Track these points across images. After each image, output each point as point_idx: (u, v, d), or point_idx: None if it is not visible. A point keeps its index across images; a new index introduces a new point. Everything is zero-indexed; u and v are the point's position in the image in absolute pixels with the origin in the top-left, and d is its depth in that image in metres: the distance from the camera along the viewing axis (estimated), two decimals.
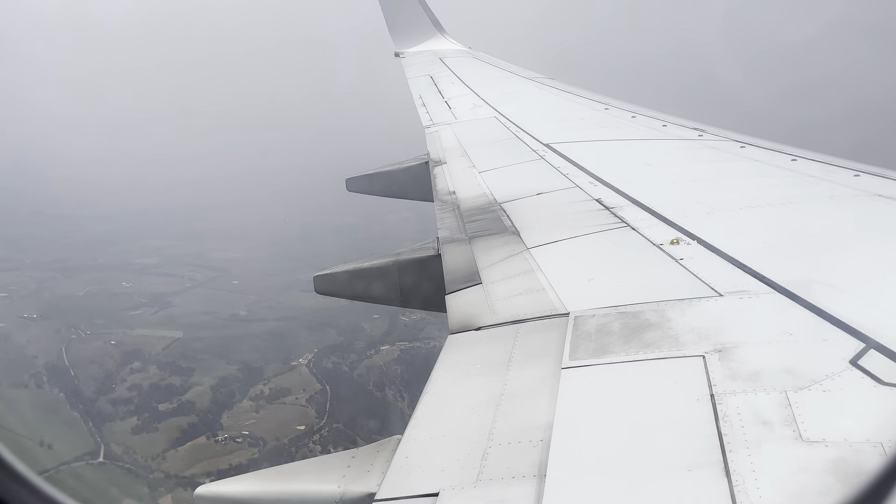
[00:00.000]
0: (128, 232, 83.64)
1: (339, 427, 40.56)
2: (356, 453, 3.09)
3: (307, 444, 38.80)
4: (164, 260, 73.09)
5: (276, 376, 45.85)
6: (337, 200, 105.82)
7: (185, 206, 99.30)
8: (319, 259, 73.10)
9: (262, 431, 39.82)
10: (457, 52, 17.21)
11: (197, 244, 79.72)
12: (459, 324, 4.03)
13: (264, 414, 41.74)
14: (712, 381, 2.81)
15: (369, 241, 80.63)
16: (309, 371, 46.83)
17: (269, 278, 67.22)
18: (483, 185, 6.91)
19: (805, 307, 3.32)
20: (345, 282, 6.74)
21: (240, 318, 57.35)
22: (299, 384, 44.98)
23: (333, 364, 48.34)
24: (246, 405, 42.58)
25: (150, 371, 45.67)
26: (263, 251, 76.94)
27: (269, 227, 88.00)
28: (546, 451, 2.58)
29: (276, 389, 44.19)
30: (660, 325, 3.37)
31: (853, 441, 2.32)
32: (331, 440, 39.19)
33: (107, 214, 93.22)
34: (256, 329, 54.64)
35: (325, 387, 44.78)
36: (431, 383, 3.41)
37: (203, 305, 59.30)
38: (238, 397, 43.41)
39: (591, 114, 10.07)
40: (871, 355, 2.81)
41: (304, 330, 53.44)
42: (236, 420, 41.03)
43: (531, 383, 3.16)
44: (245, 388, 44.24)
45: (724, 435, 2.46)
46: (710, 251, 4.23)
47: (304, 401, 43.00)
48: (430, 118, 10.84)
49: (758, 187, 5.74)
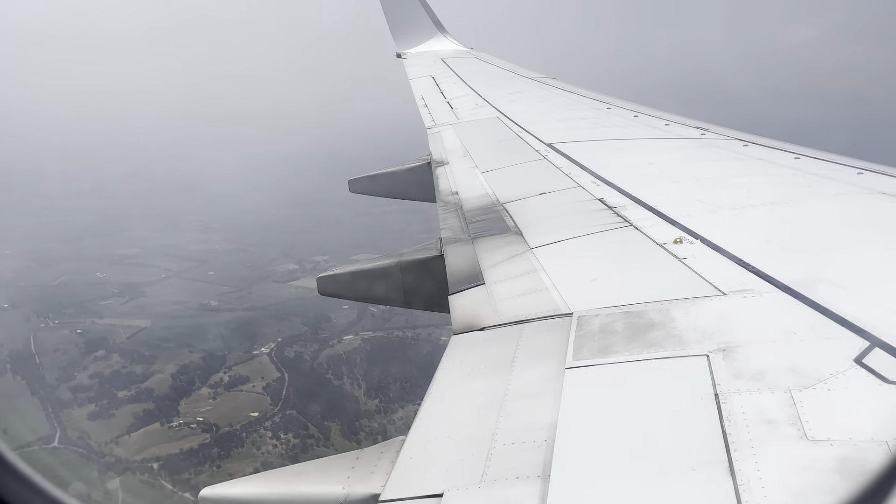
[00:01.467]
0: (112, 223, 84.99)
1: (291, 413, 41.45)
2: (360, 454, 3.09)
3: (258, 430, 39.77)
4: (143, 251, 74.31)
5: (237, 364, 47.02)
6: (324, 193, 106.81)
7: (174, 199, 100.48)
8: (296, 251, 74.94)
9: (216, 418, 40.79)
10: (458, 52, 17.22)
11: (179, 236, 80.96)
12: (463, 324, 4.03)
13: (221, 401, 42.80)
14: (716, 381, 2.80)
15: (352, 233, 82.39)
16: (270, 360, 47.94)
17: (245, 269, 68.56)
18: (485, 186, 6.91)
19: (809, 306, 3.31)
20: (348, 283, 6.74)
21: (209, 308, 58.35)
22: (258, 372, 46.04)
23: (295, 353, 49.49)
24: (204, 392, 43.66)
25: (113, 359, 46.76)
26: (244, 243, 78.21)
27: (253, 219, 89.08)
28: (550, 451, 2.57)
29: (236, 377, 45.35)
30: (663, 325, 3.37)
31: (858, 440, 2.32)
32: (282, 426, 40.17)
33: (94, 206, 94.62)
34: (224, 319, 55.72)
35: (284, 375, 45.80)
36: (435, 384, 3.41)
37: (175, 295, 60.29)
38: (198, 385, 44.44)
39: (593, 113, 10.06)
40: (875, 353, 2.81)
41: (271, 319, 54.72)
42: (193, 407, 42.04)
43: (535, 384, 3.15)
44: (205, 376, 45.34)
45: (728, 434, 2.45)
46: (713, 250, 4.22)
47: (260, 388, 44.11)
48: (433, 119, 10.84)
49: (761, 186, 5.72)
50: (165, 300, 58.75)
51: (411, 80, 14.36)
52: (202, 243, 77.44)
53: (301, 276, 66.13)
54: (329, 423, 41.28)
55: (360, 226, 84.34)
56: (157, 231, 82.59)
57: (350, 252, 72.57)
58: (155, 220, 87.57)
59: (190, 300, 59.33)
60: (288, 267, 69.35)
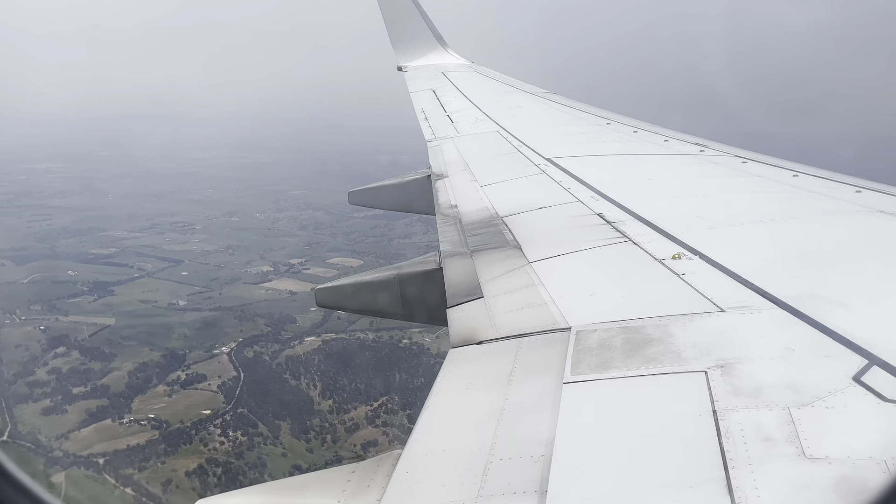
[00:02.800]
0: (94, 223, 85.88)
1: (243, 412, 42.16)
2: (356, 468, 3.07)
3: (207, 427, 40.37)
4: (120, 251, 75.06)
5: (196, 363, 47.63)
6: (310, 197, 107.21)
7: (162, 201, 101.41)
8: (273, 254, 76.13)
9: (168, 415, 41.34)
10: (459, 66, 17.30)
11: (159, 237, 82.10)
12: (461, 338, 4.02)
13: (175, 399, 43.42)
14: (714, 397, 2.79)
15: (332, 237, 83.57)
16: (229, 359, 48.59)
17: (219, 270, 69.44)
18: (485, 199, 6.92)
19: (807, 323, 3.31)
20: (346, 295, 6.74)
21: (177, 308, 58.99)
22: (216, 371, 46.69)
23: (255, 353, 50.28)
24: (160, 390, 44.27)
25: (73, 356, 47.29)
26: (222, 244, 79.18)
27: (238, 221, 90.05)
28: (547, 466, 2.56)
29: (193, 376, 45.92)
30: (662, 341, 3.37)
31: (856, 458, 2.31)
32: (232, 424, 40.85)
33: (79, 206, 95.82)
34: (189, 318, 56.44)
35: (240, 374, 46.50)
36: (432, 397, 3.40)
37: (144, 295, 61.19)
38: (155, 382, 45.08)
39: (592, 128, 10.10)
40: (873, 371, 2.80)
41: (235, 320, 55.54)
42: (146, 404, 42.60)
43: (533, 398, 3.15)
44: (163, 374, 45.96)
45: (726, 451, 2.44)
46: (712, 266, 4.22)
47: (215, 387, 44.66)
48: (433, 132, 10.88)
49: (760, 203, 5.74)
50: (133, 299, 59.69)
51: (412, 92, 14.42)
52: (181, 244, 78.52)
53: (273, 278, 67.28)
54: (280, 422, 41.92)
55: (341, 230, 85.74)
56: (137, 232, 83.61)
57: (326, 256, 73.92)
58: (138, 221, 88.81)
59: (159, 299, 60.26)
60: (261, 269, 70.20)
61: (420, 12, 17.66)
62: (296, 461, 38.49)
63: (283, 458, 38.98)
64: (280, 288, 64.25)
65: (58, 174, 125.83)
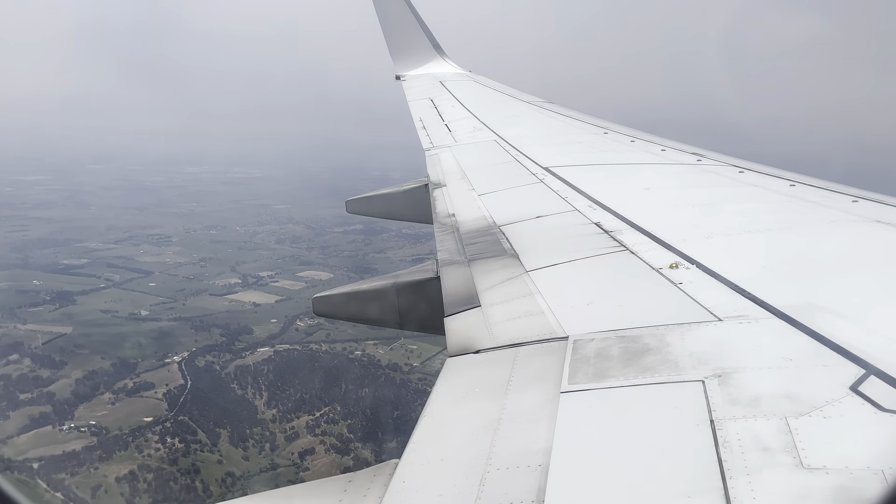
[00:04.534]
0: (70, 234, 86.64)
1: (183, 419, 42.88)
2: (352, 477, 3.05)
3: (146, 434, 41.14)
4: (91, 262, 75.55)
5: (146, 372, 48.37)
6: (293, 211, 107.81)
7: (144, 214, 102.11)
8: (244, 266, 77.13)
9: (109, 422, 41.99)
10: (457, 75, 17.35)
11: (133, 248, 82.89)
12: (458, 347, 4.01)
13: (119, 406, 44.10)
14: (712, 407, 2.79)
15: (308, 251, 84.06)
16: (178, 368, 49.26)
17: (187, 282, 70.05)
18: (482, 208, 6.92)
19: (805, 332, 3.31)
20: (342, 304, 6.72)
21: (137, 318, 59.57)
22: (164, 379, 47.40)
23: (206, 362, 51.02)
24: (105, 398, 44.86)
25: (24, 363, 47.81)
26: (196, 257, 79.83)
27: (216, 234, 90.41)
28: (545, 476, 2.55)
29: (141, 384, 46.66)
30: (659, 350, 3.36)
31: (854, 468, 2.30)
32: (171, 431, 41.62)
33: (60, 217, 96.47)
34: (147, 328, 57.05)
35: (188, 382, 47.28)
36: (429, 406, 3.39)
37: (107, 305, 61.71)
38: (102, 390, 45.69)
39: (589, 138, 10.12)
40: (871, 381, 2.80)
41: (192, 330, 56.14)
42: (90, 411, 43.16)
43: (530, 407, 3.14)
44: (111, 382, 46.61)
45: (724, 461, 2.44)
46: (709, 275, 4.22)
47: (160, 395, 45.34)
48: (431, 141, 10.90)
49: (756, 212, 5.75)
50: (95, 309, 60.15)
51: (410, 101, 14.45)
52: (154, 256, 79.32)
53: (240, 290, 67.93)
54: (220, 430, 42.52)
55: (318, 244, 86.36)
56: (112, 243, 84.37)
57: (297, 269, 74.73)
58: (116, 233, 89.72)
59: (120, 310, 60.78)
60: (230, 281, 70.76)
61: (418, 22, 17.73)
62: (230, 468, 39.35)
63: (217, 465, 39.69)
64: (244, 300, 64.96)
65: (45, 186, 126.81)
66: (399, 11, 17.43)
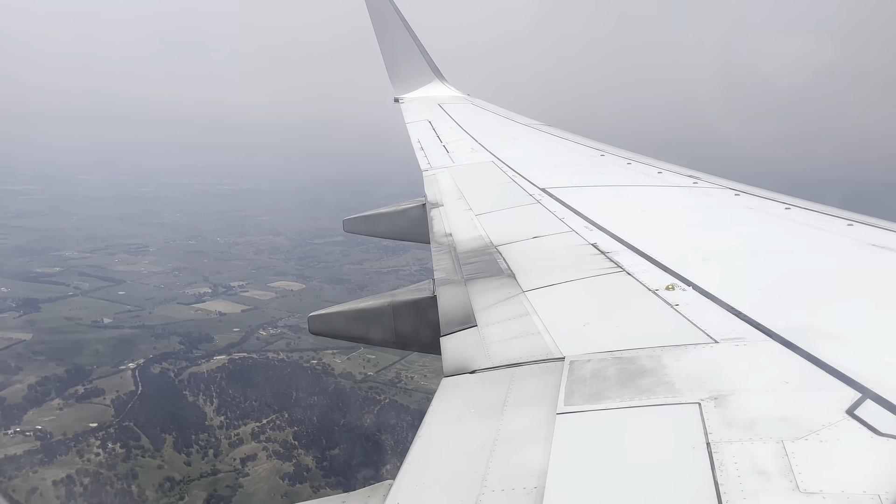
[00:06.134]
0: (49, 243, 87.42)
1: (129, 425, 43.69)
2: (347, 498, 3.03)
3: (89, 439, 41.84)
4: (64, 270, 76.17)
5: (100, 378, 48.99)
6: (276, 223, 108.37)
7: (126, 224, 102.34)
8: (217, 276, 77.21)
9: (55, 427, 42.56)
10: (455, 98, 17.48)
11: (108, 257, 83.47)
12: (454, 367, 4.00)
13: (67, 412, 44.79)
14: (708, 430, 2.78)
15: (285, 262, 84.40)
16: (132, 375, 49.98)
17: (157, 291, 70.64)
18: (479, 228, 6.94)
19: (801, 355, 3.31)
20: (337, 323, 6.70)
21: (100, 326, 60.07)
22: (116, 386, 48.07)
23: (162, 369, 51.75)
24: (55, 403, 45.53)
25: None
26: (170, 266, 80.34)
27: (195, 244, 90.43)
28: (540, 498, 2.53)
29: (92, 390, 47.26)
30: (655, 372, 3.35)
31: (851, 493, 2.29)
32: (114, 436, 42.50)
33: (40, 226, 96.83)
34: (108, 335, 57.55)
35: (138, 389, 48.00)
36: (424, 427, 3.37)
37: (72, 312, 62.18)
38: (53, 396, 46.33)
39: (586, 160, 10.18)
40: (867, 405, 2.79)
41: (152, 338, 56.74)
42: (38, 416, 43.69)
43: (526, 429, 3.12)
44: (63, 389, 47.19)
45: (720, 484, 2.42)
46: (705, 297, 4.23)
47: (109, 401, 46.02)
48: (428, 162, 10.94)
49: (752, 235, 5.77)
50: (59, 316, 60.63)
51: (408, 123, 14.54)
52: (129, 265, 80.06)
53: (208, 299, 68.37)
54: (165, 436, 43.11)
55: (295, 255, 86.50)
56: (88, 252, 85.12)
57: (270, 279, 75.51)
58: (94, 242, 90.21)
59: (84, 317, 61.17)
60: (200, 290, 71.26)
61: (417, 46, 17.91)
62: (171, 473, 39.90)
63: (157, 469, 40.18)
64: (210, 309, 65.41)
65: (31, 196, 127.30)
66: (398, 36, 17.61)
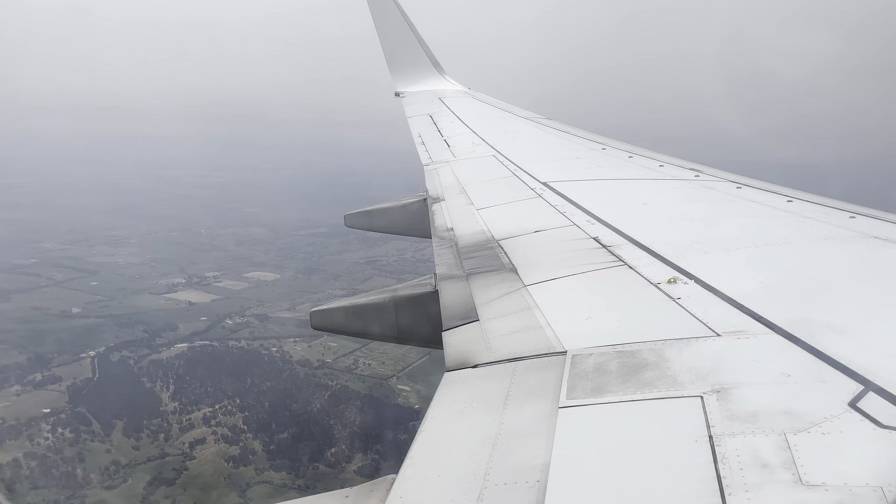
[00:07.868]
0: (30, 235, 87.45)
1: (80, 411, 44.35)
2: (349, 493, 3.03)
3: (40, 424, 42.53)
4: (40, 261, 76.47)
5: (59, 366, 49.59)
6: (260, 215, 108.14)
7: (111, 216, 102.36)
8: (194, 267, 77.39)
9: (9, 413, 43.25)
10: (456, 92, 17.45)
11: (87, 249, 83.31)
12: (456, 361, 4.00)
13: (23, 398, 45.46)
14: (710, 423, 2.78)
15: (264, 253, 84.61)
16: (91, 362, 50.57)
17: (131, 281, 70.93)
18: (481, 223, 6.93)
19: (803, 348, 3.31)
20: (339, 318, 6.71)
21: (68, 315, 60.30)
22: (74, 373, 48.65)
23: (121, 357, 52.27)
24: (12, 390, 46.19)
25: None
26: (149, 258, 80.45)
27: (177, 236, 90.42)
28: (543, 492, 2.54)
29: (50, 377, 47.98)
30: (657, 365, 3.35)
31: (853, 485, 2.29)
32: (65, 421, 43.15)
33: (25, 219, 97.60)
34: (73, 325, 57.96)
35: (95, 376, 48.63)
36: (427, 421, 3.37)
37: (41, 302, 62.59)
38: (12, 383, 46.99)
39: (588, 153, 10.16)
40: (869, 397, 2.80)
41: (116, 326, 57.24)
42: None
43: (528, 422, 3.12)
44: (23, 376, 47.85)
45: (723, 477, 2.42)
46: (707, 291, 4.22)
47: (65, 388, 46.68)
48: (430, 156, 10.93)
49: (754, 228, 5.77)
50: (27, 306, 61.07)
51: (409, 118, 14.51)
52: (107, 256, 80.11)
53: (181, 289, 68.56)
54: (116, 421, 43.73)
55: (276, 247, 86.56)
56: (68, 244, 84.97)
57: (245, 270, 75.66)
58: (75, 234, 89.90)
59: (53, 307, 61.46)
60: (173, 280, 71.37)
61: (417, 39, 17.87)
62: (118, 458, 40.72)
63: (105, 454, 40.89)
64: (181, 299, 65.67)
65: (21, 188, 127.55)
66: (399, 30, 17.57)
